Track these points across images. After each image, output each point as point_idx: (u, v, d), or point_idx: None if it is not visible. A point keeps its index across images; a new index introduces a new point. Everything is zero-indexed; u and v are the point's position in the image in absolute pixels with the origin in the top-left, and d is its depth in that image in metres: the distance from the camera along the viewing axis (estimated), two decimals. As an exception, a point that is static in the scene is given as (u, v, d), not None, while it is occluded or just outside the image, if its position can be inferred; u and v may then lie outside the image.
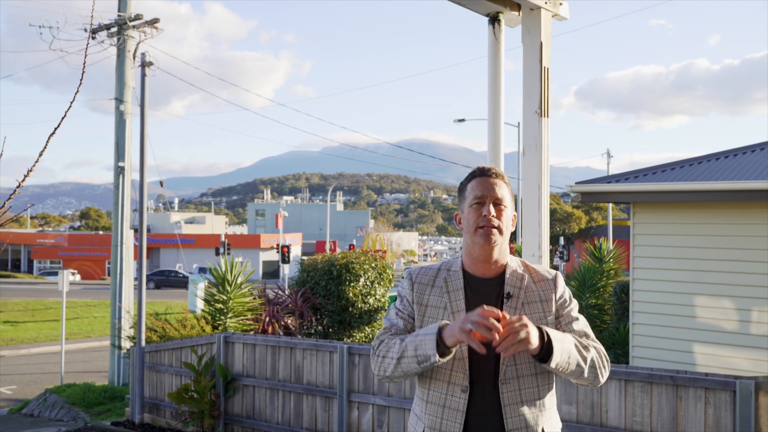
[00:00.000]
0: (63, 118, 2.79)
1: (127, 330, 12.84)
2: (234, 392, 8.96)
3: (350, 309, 12.28)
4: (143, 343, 10.38)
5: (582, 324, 2.57)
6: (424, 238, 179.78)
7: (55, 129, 2.71)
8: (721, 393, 5.49)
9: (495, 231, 2.46)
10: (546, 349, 2.32)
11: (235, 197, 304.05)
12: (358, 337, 12.38)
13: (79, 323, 28.05)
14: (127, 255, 14.79)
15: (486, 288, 2.52)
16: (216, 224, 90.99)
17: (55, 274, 56.84)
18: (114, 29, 13.77)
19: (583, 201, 9.56)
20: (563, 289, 2.59)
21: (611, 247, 16.88)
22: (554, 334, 2.35)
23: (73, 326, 26.21)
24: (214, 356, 9.06)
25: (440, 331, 2.33)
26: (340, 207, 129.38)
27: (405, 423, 7.35)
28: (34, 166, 2.78)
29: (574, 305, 2.59)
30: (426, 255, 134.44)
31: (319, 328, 12.45)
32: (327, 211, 62.74)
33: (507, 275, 2.52)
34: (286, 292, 12.38)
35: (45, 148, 2.74)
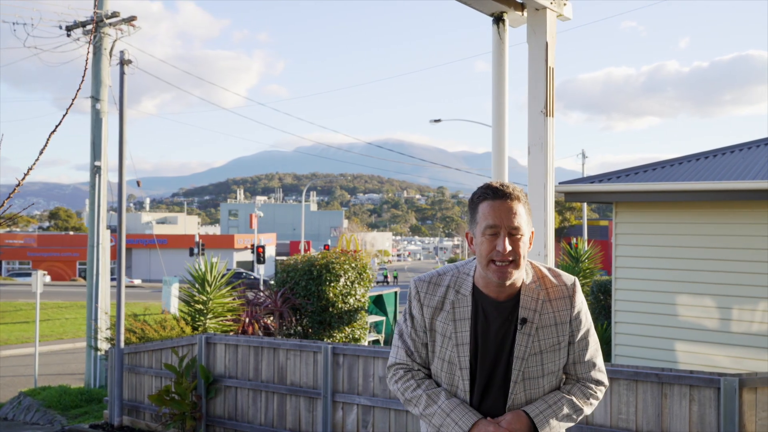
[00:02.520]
0: (64, 116, 2.75)
1: (104, 331, 12.68)
2: (216, 393, 8.88)
3: (330, 309, 12.24)
4: (122, 344, 10.25)
5: (592, 350, 2.49)
6: (398, 238, 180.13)
7: (56, 127, 2.66)
8: (706, 390, 5.56)
9: (510, 267, 2.29)
10: None
11: (208, 197, 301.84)
12: (338, 338, 12.35)
13: (51, 325, 27.61)
14: (103, 256, 14.60)
15: (500, 311, 2.39)
16: (188, 224, 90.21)
17: (25, 275, 55.94)
18: (90, 27, 13.58)
19: (567, 200, 9.63)
20: (579, 307, 2.45)
21: (587, 248, 17.07)
22: (544, 427, 2.35)
23: (45, 328, 25.79)
24: (196, 357, 8.97)
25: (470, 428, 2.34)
26: (313, 207, 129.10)
27: (390, 423, 7.34)
28: (34, 164, 2.73)
29: (586, 323, 2.48)
30: (399, 255, 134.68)
31: (299, 328, 12.39)
32: (301, 211, 62.52)
33: (522, 295, 2.38)
34: (266, 293, 12.32)
35: (45, 146, 2.69)
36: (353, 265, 12.76)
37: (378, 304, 17.58)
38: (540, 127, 3.15)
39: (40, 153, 2.70)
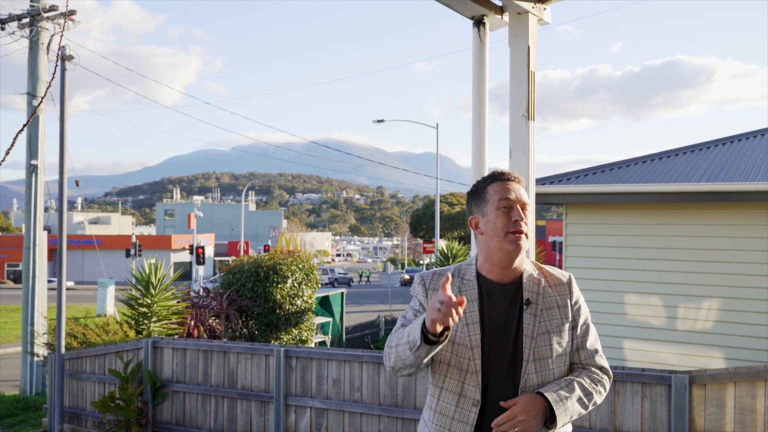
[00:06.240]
0: (33, 115, 2.63)
1: (41, 336, 12.23)
2: (163, 399, 8.67)
3: (277, 311, 12.13)
4: (63, 349, 9.91)
5: (593, 337, 2.56)
6: (337, 238, 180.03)
7: (24, 126, 2.55)
8: (657, 387, 5.70)
9: (523, 236, 2.41)
10: (549, 419, 2.35)
11: (142, 197, 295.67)
12: (285, 339, 12.24)
13: (-22, 330, 26.51)
14: (40, 257, 14.09)
15: (503, 293, 2.46)
16: (123, 225, 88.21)
17: (-51, 278, 53.59)
18: (26, 20, 13.06)
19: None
20: (578, 294, 2.56)
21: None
22: (559, 407, 2.33)
23: (-28, 333, 24.73)
24: (142, 362, 8.74)
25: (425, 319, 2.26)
26: (252, 207, 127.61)
27: (344, 425, 7.30)
28: (1, 163, 2.60)
29: (585, 310, 2.57)
30: (339, 254, 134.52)
31: (245, 330, 12.23)
32: (241, 212, 61.74)
33: (524, 280, 2.47)
34: (211, 295, 12.11)
35: (12, 146, 2.57)
36: (300, 266, 12.67)
37: (324, 305, 17.50)
38: (522, 131, 3.15)
39: (6, 153, 2.57)
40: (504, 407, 2.35)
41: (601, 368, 2.53)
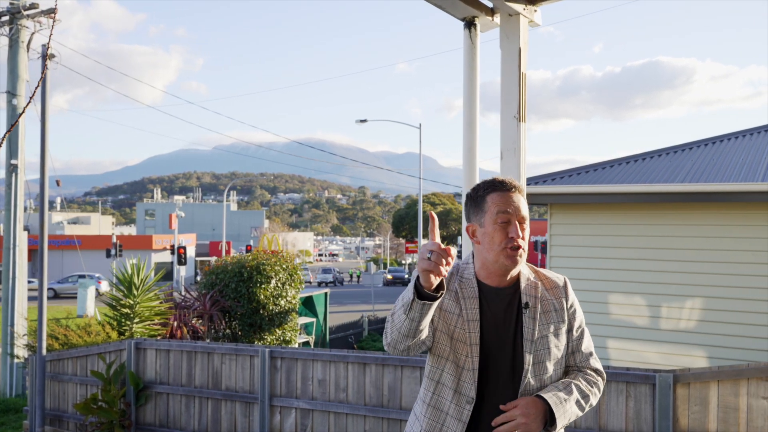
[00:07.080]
0: (20, 115, 2.60)
1: (21, 337, 12.10)
2: (146, 400, 8.61)
3: (261, 311, 12.08)
4: (44, 351, 9.81)
5: (587, 340, 2.59)
6: (319, 238, 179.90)
7: (12, 127, 2.51)
8: (642, 386, 5.74)
9: (520, 251, 2.39)
10: (549, 422, 2.36)
11: (122, 196, 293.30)
12: (269, 340, 12.20)
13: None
14: (20, 258, 13.93)
15: (501, 297, 2.46)
16: (103, 225, 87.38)
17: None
18: (6, 18, 12.90)
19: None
20: (573, 297, 2.58)
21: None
22: (559, 409, 2.34)
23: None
24: (124, 363, 8.67)
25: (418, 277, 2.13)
26: (234, 207, 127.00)
27: (329, 426, 7.29)
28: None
29: (580, 313, 2.59)
30: (321, 255, 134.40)
31: (228, 331, 12.17)
32: (223, 211, 61.39)
33: (522, 285, 2.47)
34: (194, 295, 12.04)
35: (0, 146, 2.54)
36: (284, 266, 12.63)
37: (308, 305, 17.45)
38: (513, 132, 3.15)
39: (-6, 153, 2.54)
40: (503, 410, 2.35)
41: (596, 370, 2.56)
